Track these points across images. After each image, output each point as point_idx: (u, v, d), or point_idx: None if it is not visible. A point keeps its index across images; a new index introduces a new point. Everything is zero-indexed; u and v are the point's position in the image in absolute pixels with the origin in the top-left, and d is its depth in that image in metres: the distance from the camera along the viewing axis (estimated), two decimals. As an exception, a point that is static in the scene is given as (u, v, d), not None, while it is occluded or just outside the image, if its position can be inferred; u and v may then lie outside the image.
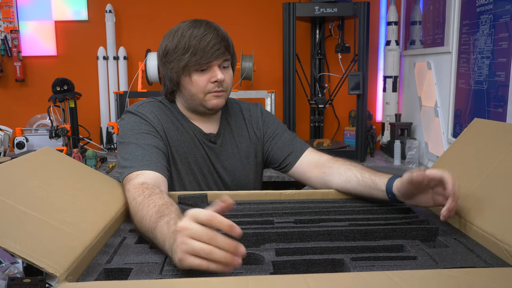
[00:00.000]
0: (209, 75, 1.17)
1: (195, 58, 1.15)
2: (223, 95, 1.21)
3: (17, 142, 2.49)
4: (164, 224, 0.78)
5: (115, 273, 0.72)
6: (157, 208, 0.85)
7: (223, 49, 1.16)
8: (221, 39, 1.16)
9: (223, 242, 0.65)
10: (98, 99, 2.79)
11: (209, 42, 1.14)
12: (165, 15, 2.76)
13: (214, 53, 1.15)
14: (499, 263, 0.74)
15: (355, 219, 0.96)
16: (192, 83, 1.18)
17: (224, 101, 1.23)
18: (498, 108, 1.69)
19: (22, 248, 0.65)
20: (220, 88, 1.19)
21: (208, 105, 1.20)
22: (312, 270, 0.74)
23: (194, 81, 1.18)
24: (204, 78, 1.17)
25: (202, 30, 1.16)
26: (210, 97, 1.19)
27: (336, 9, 2.35)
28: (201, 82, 1.18)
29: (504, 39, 1.65)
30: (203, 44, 1.14)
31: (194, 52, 1.15)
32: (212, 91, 1.19)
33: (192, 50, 1.15)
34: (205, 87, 1.18)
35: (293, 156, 1.28)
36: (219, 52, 1.15)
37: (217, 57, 1.16)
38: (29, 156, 0.91)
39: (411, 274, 0.63)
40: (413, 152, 2.34)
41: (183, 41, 1.16)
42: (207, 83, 1.18)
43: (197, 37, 1.15)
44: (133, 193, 0.96)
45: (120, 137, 1.17)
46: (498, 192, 0.85)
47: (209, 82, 1.18)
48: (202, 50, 1.14)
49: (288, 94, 2.43)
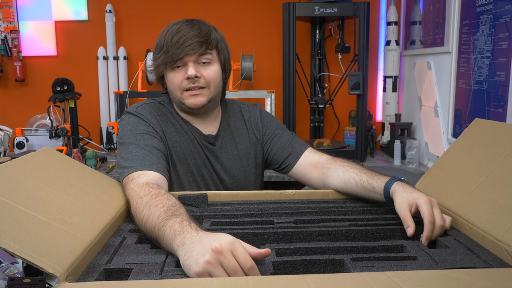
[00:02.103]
0: (183, 71, 1.16)
1: (166, 56, 1.14)
2: (202, 93, 1.17)
3: (17, 142, 2.49)
4: (176, 222, 0.78)
5: (115, 273, 0.72)
6: (166, 208, 0.85)
7: (196, 44, 1.13)
8: (195, 34, 1.13)
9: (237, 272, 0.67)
10: (98, 99, 2.79)
11: (180, 38, 1.13)
12: (165, 15, 2.76)
13: (184, 49, 1.12)
14: (499, 264, 0.74)
15: (355, 219, 0.96)
16: (168, 81, 1.18)
17: (205, 99, 1.18)
18: (498, 108, 1.69)
19: (22, 248, 0.64)
20: (196, 85, 1.16)
21: (186, 103, 1.18)
22: (312, 270, 0.74)
23: (169, 78, 1.17)
24: (178, 75, 1.16)
25: (177, 26, 1.15)
26: (186, 95, 1.17)
27: (336, 9, 2.35)
28: (175, 79, 1.16)
29: (504, 39, 1.65)
30: (174, 40, 1.13)
31: (166, 50, 1.14)
32: (187, 88, 1.16)
33: (165, 48, 1.14)
34: (180, 84, 1.16)
35: (293, 157, 1.27)
36: (190, 47, 1.12)
37: (187, 53, 1.13)
38: (29, 156, 0.91)
39: (411, 275, 0.63)
40: (413, 152, 2.34)
41: (161, 39, 1.16)
42: (182, 80, 1.16)
43: (171, 33, 1.14)
44: (138, 192, 0.96)
45: (120, 138, 1.17)
46: (498, 192, 0.85)
47: (184, 79, 1.16)
48: (173, 46, 1.13)
49: (288, 94, 2.43)
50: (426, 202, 0.88)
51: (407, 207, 0.90)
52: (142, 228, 0.88)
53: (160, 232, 0.80)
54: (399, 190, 0.95)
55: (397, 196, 0.94)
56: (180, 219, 0.79)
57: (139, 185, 0.98)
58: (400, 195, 0.93)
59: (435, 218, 0.86)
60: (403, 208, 0.90)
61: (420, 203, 0.88)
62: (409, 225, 0.87)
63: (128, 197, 0.99)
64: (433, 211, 0.87)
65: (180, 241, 0.74)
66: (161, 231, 0.79)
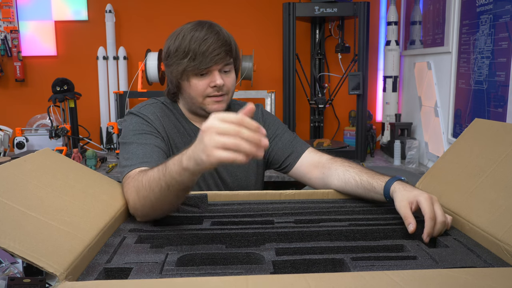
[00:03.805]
0: (208, 79, 1.16)
1: (194, 63, 1.13)
2: (224, 99, 1.20)
3: (17, 142, 2.49)
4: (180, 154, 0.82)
5: (115, 272, 0.72)
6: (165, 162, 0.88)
7: (223, 54, 1.14)
8: (222, 44, 1.14)
9: (248, 135, 0.70)
10: (98, 99, 2.79)
11: (209, 46, 1.12)
12: (165, 15, 2.76)
13: (213, 59, 1.13)
14: (499, 263, 0.74)
15: (355, 219, 0.96)
16: (191, 87, 1.18)
17: (225, 105, 1.22)
18: (498, 108, 1.69)
19: (22, 247, 0.64)
20: (220, 93, 1.18)
21: (208, 109, 1.20)
22: (312, 270, 0.74)
23: (193, 85, 1.17)
24: (203, 83, 1.16)
25: (203, 34, 1.14)
26: (209, 101, 1.19)
27: (336, 9, 2.35)
28: (200, 86, 1.17)
29: (504, 39, 1.65)
30: (203, 49, 1.12)
31: (193, 56, 1.13)
32: (211, 95, 1.18)
33: (191, 54, 1.13)
34: (204, 91, 1.17)
35: (293, 157, 1.27)
36: (218, 57, 1.13)
37: (216, 62, 1.14)
38: (28, 157, 0.91)
39: (411, 274, 0.63)
40: (413, 152, 2.34)
41: (183, 44, 1.14)
42: (206, 88, 1.17)
43: (197, 41, 1.13)
44: (134, 179, 0.97)
45: (122, 138, 1.17)
46: (498, 192, 0.85)
47: (209, 87, 1.17)
48: (201, 54, 1.13)
49: (288, 94, 2.43)
50: (427, 199, 0.88)
51: (408, 205, 0.90)
52: (147, 189, 0.89)
53: (167, 165, 0.85)
54: (399, 189, 0.95)
55: (397, 195, 0.94)
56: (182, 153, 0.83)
57: (136, 174, 0.99)
58: (400, 193, 0.93)
59: (436, 215, 0.86)
60: (403, 206, 0.90)
61: (420, 200, 0.88)
62: (410, 222, 0.87)
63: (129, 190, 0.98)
64: (434, 208, 0.87)
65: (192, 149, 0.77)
66: (167, 165, 0.85)
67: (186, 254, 0.77)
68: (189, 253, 0.77)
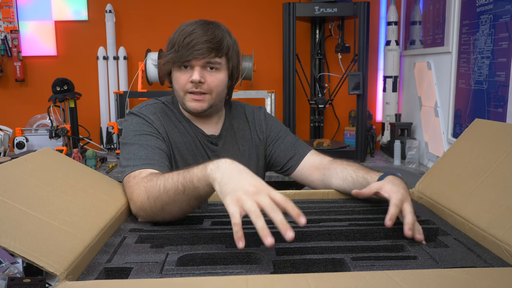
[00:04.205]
0: (189, 74, 1.15)
1: (176, 55, 1.14)
2: (204, 99, 1.17)
3: (17, 142, 2.49)
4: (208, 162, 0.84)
5: (115, 272, 0.72)
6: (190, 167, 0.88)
7: (205, 49, 1.12)
8: (207, 39, 1.12)
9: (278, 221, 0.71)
10: (98, 99, 2.79)
11: (192, 40, 1.12)
12: (165, 15, 2.76)
13: (193, 53, 1.12)
14: (499, 263, 0.74)
15: (355, 219, 0.96)
16: (174, 80, 1.19)
17: (206, 105, 1.18)
18: (498, 108, 1.69)
19: (22, 247, 0.64)
20: (198, 90, 1.16)
21: (187, 106, 1.19)
22: (312, 269, 0.74)
23: (175, 78, 1.18)
24: (184, 77, 1.16)
25: (192, 28, 1.14)
26: (189, 98, 1.18)
27: (336, 9, 2.35)
28: (181, 80, 1.16)
29: (504, 39, 1.65)
30: (186, 41, 1.12)
31: (177, 48, 1.14)
32: (190, 91, 1.16)
33: (176, 46, 1.14)
34: (184, 85, 1.16)
35: (295, 159, 1.28)
36: (198, 52, 1.12)
37: (195, 57, 1.12)
38: (28, 157, 0.91)
39: (411, 274, 0.63)
40: (413, 152, 2.34)
41: (173, 36, 1.16)
42: (187, 82, 1.16)
43: (185, 34, 1.13)
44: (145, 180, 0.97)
45: (123, 138, 1.17)
46: (498, 192, 0.85)
47: (189, 82, 1.16)
48: (184, 47, 1.12)
49: (288, 94, 2.43)
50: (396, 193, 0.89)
51: (374, 187, 0.95)
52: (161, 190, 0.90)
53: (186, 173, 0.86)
54: (387, 183, 0.95)
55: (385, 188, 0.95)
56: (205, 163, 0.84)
57: (144, 176, 0.99)
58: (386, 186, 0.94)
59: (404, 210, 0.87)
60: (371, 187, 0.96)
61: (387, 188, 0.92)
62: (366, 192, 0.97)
63: (132, 190, 0.97)
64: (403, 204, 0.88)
65: (213, 165, 0.81)
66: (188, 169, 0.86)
67: (186, 254, 0.77)
68: (189, 253, 0.77)
